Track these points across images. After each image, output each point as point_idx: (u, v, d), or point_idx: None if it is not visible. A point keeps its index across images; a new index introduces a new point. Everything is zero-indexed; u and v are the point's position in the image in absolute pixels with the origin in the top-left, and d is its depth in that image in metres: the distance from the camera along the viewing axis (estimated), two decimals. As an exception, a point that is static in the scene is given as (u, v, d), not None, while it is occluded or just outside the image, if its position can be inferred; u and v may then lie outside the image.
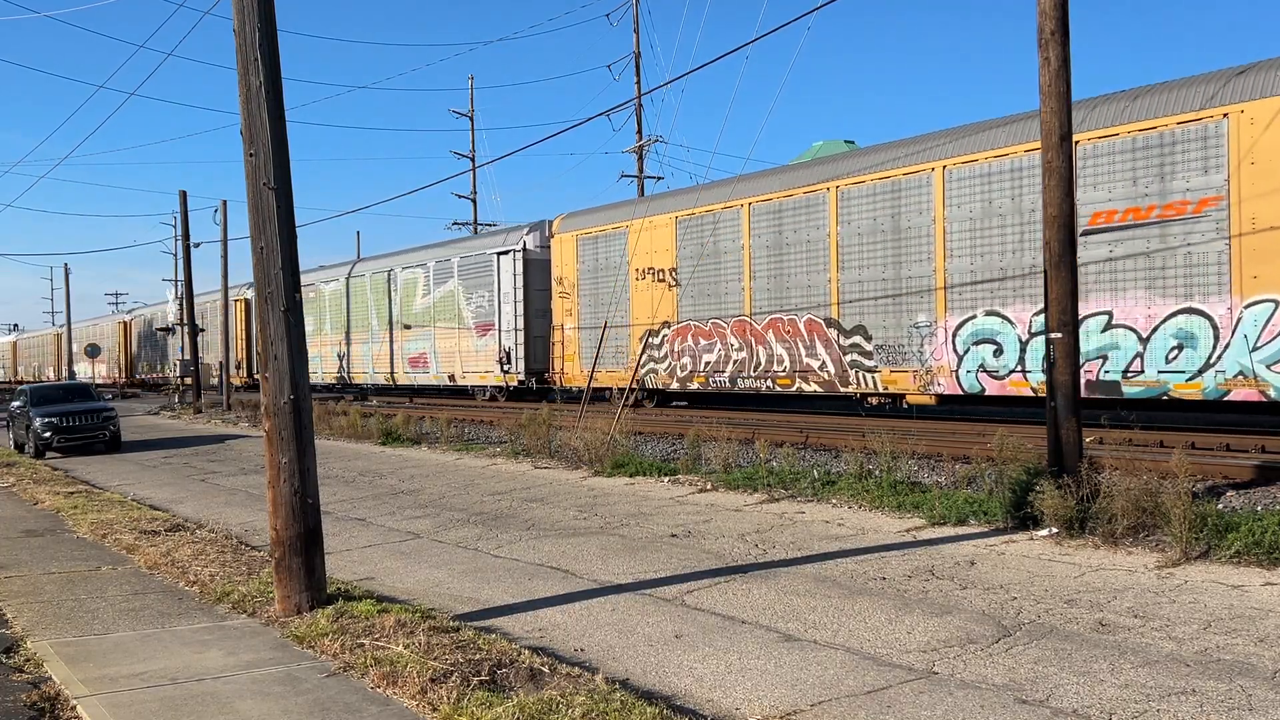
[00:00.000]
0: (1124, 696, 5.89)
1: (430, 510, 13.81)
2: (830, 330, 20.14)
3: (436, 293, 33.53)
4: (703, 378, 23.01)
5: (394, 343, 36.33)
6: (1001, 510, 10.80)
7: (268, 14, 8.25)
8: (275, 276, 8.22)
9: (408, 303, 35.29)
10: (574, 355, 27.00)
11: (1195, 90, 15.03)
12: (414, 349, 34.88)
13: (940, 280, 18.28)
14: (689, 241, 23.69)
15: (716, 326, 22.79)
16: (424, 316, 34.38)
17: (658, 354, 24.24)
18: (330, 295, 40.81)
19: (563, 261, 27.51)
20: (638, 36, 42.85)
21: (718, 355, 22.73)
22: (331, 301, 40.95)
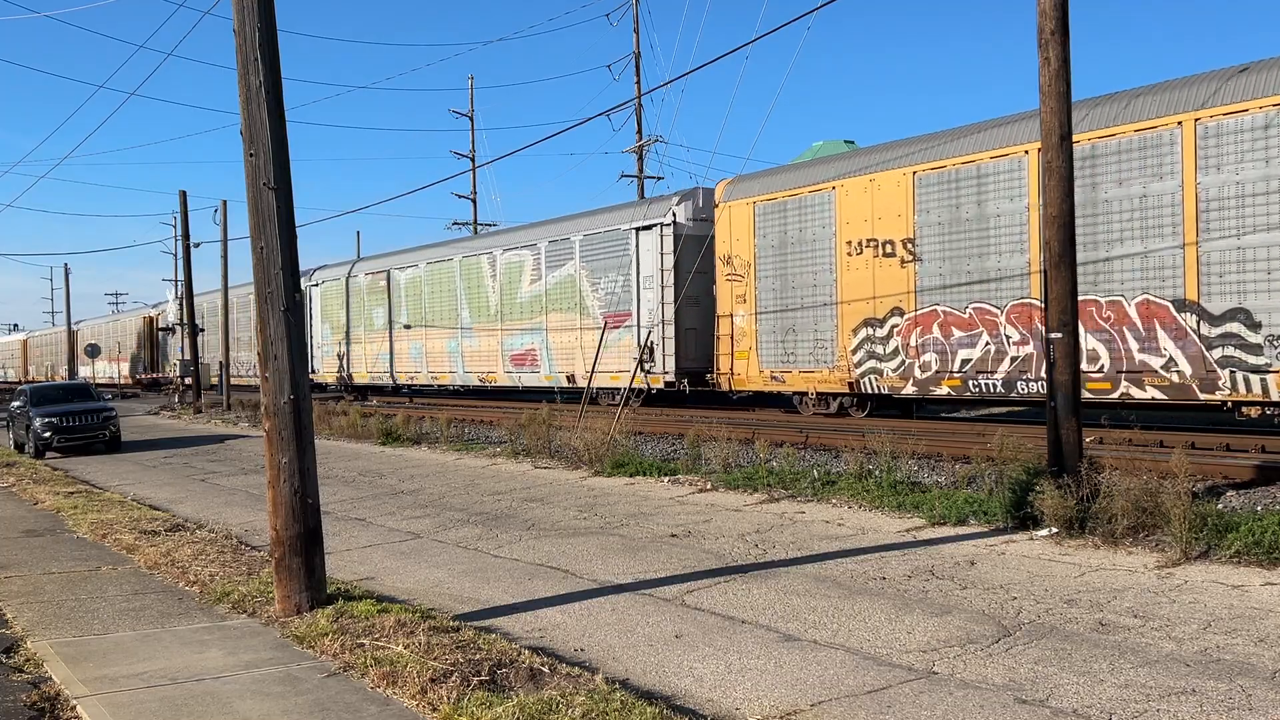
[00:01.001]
0: (1124, 696, 5.89)
1: (430, 510, 13.81)
2: (1183, 315, 15.28)
3: (550, 278, 28.63)
4: (956, 379, 18.05)
5: (490, 337, 31.31)
6: (1001, 510, 10.80)
7: (268, 14, 8.25)
8: (275, 276, 8.22)
9: (510, 291, 30.30)
10: (749, 351, 22.06)
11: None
12: (519, 345, 29.77)
13: None
14: (935, 203, 18.56)
15: (981, 313, 17.76)
16: (532, 307, 29.39)
17: (882, 349, 19.30)
18: (407, 284, 35.85)
19: (732, 236, 22.57)
20: (638, 36, 42.89)
21: (983, 350, 17.70)
22: (408, 291, 35.90)
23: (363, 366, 39.04)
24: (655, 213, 25.33)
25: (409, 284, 35.83)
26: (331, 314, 41.18)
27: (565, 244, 28.26)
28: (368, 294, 38.34)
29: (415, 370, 35.44)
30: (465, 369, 32.52)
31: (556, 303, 28.48)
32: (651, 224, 25.19)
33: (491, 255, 31.45)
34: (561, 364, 28.29)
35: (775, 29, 22.88)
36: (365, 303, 38.77)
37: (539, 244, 29.22)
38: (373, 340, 38.10)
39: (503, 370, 30.75)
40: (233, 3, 8.25)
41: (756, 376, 21.99)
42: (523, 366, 29.73)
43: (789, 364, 21.09)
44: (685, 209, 24.80)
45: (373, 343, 38.14)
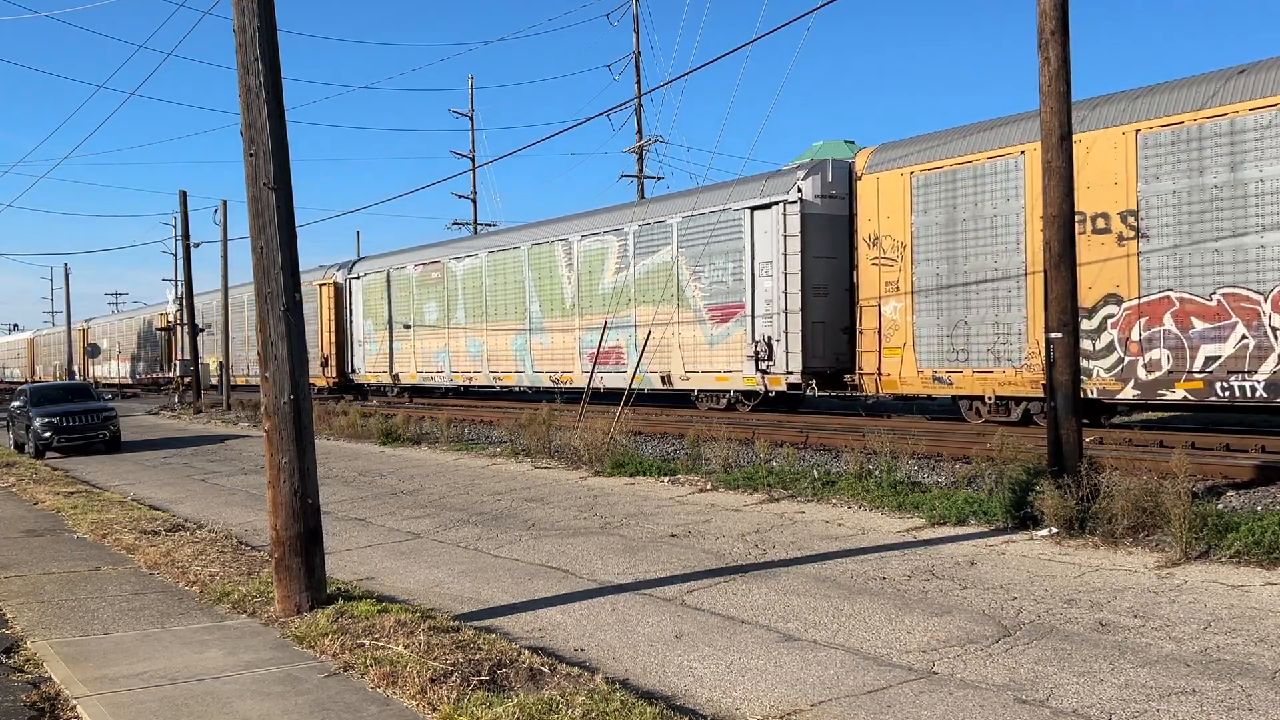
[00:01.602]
0: (1124, 696, 5.89)
1: (430, 510, 13.81)
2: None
3: (640, 266, 25.34)
4: (1197, 381, 15.15)
5: (565, 333, 27.83)
6: (1001, 510, 10.80)
7: (268, 14, 8.25)
8: (275, 277, 8.22)
9: (590, 281, 27.05)
10: (903, 347, 18.92)
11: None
12: (600, 341, 25.92)
13: None
14: (1170, 168, 15.42)
15: (1234, 300, 14.78)
16: (617, 299, 26.11)
17: (1093, 344, 16.18)
18: (465, 275, 32.36)
19: (880, 212, 19.36)
20: (638, 36, 42.89)
21: (1238, 346, 14.71)
22: (466, 283, 32.34)
23: (412, 366, 35.49)
24: (776, 189, 21.81)
25: (467, 275, 32.25)
26: (375, 310, 37.85)
27: (659, 228, 24.88)
28: (418, 287, 34.91)
29: (474, 370, 32.13)
30: (535, 368, 28.99)
31: (648, 294, 25.12)
32: (771, 202, 21.68)
33: (567, 242, 27.89)
34: (656, 363, 24.88)
35: (775, 29, 22.72)
36: (415, 297, 35.08)
37: (626, 228, 25.84)
38: (425, 337, 34.69)
39: (580, 369, 27.05)
40: (233, 3, 8.25)
41: (913, 377, 18.69)
42: (605, 365, 25.80)
43: (958, 362, 17.87)
44: (812, 184, 21.34)
45: (425, 340, 34.65)
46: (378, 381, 37.94)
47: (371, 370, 38.22)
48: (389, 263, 37.53)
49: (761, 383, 21.88)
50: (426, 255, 35.49)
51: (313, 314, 40.39)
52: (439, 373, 33.95)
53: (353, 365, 39.39)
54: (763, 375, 21.71)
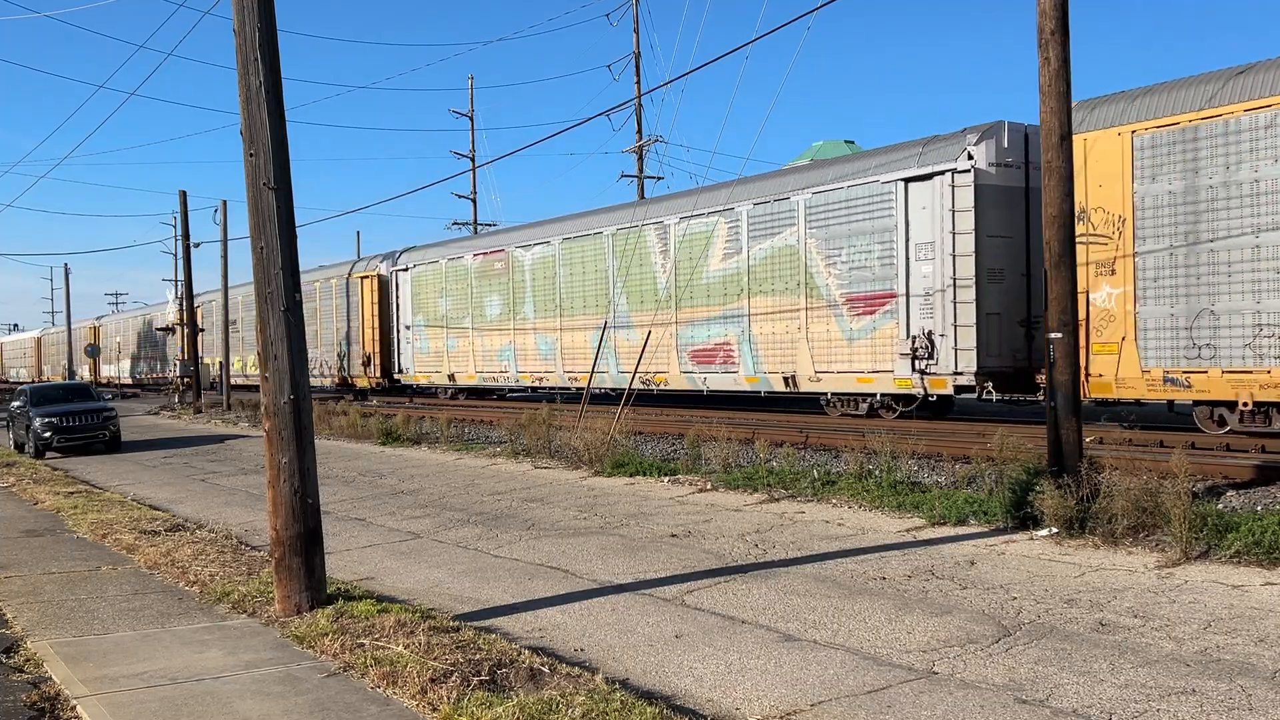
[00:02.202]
0: (1124, 696, 5.89)
1: (430, 510, 13.81)
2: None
3: (755, 251, 21.93)
4: None
5: (660, 328, 24.17)
6: (1001, 510, 10.80)
7: (268, 14, 8.25)
8: (275, 277, 8.22)
9: (691, 268, 23.68)
10: (1120, 342, 15.81)
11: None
12: (703, 337, 23.28)
13: None
14: None
15: None
16: (725, 288, 22.73)
17: None
18: (535, 265, 28.90)
19: (1090, 180, 15.95)
20: (638, 36, 42.89)
21: None
22: (536, 273, 28.83)
23: (470, 365, 31.80)
24: (939, 157, 18.51)
25: (538, 265, 28.78)
26: (427, 304, 34.01)
27: (780, 206, 21.50)
28: (478, 279, 31.32)
29: (545, 370, 28.62)
30: (620, 368, 25.44)
31: (766, 282, 21.74)
32: (934, 171, 18.36)
33: (662, 226, 24.53)
34: (774, 361, 21.57)
35: (775, 29, 22.61)
36: (474, 289, 31.45)
37: (737, 208, 22.48)
38: (486, 334, 31.11)
39: (678, 369, 23.99)
40: (233, 3, 8.25)
41: (1134, 379, 15.71)
42: (710, 365, 23.03)
43: (1201, 360, 14.96)
44: (986, 150, 18.02)
45: (486, 336, 31.06)
46: (429, 382, 34.43)
47: (423, 370, 34.30)
48: (443, 252, 33.91)
49: (919, 385, 18.53)
50: (487, 243, 32.10)
51: (354, 309, 38.01)
52: (503, 373, 30.32)
53: (400, 364, 35.66)
54: (921, 376, 18.41)
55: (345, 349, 38.78)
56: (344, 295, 38.94)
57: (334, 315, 39.81)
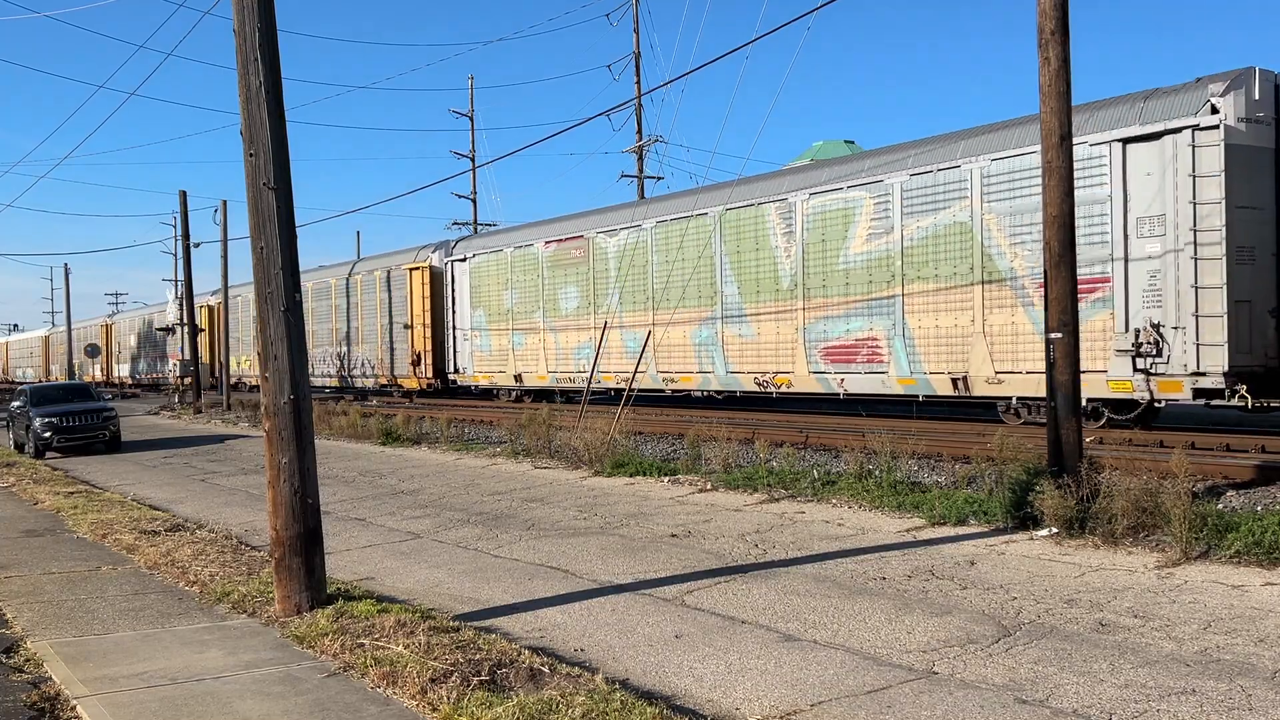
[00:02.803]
0: (1124, 696, 5.89)
1: (430, 510, 13.81)
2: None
3: (911, 229, 18.72)
4: None
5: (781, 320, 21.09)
6: (1001, 510, 10.80)
7: (268, 14, 8.25)
8: (275, 277, 8.22)
9: (824, 252, 20.30)
10: None
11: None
12: (839, 331, 19.95)
13: None
14: None
15: None
16: (870, 274, 19.42)
17: None
18: (621, 252, 25.59)
19: None
20: (638, 36, 42.89)
21: None
22: (623, 261, 25.48)
23: (541, 364, 28.51)
24: (1169, 110, 15.35)
25: (625, 253, 25.41)
26: (489, 297, 30.73)
27: (947, 177, 18.24)
28: (550, 269, 28.08)
29: (641, 370, 24.34)
30: (729, 367, 22.27)
31: (926, 266, 18.52)
32: (1164, 130, 15.22)
33: (785, 204, 21.15)
34: (937, 359, 18.28)
35: (775, 29, 22.54)
36: (546, 280, 28.23)
37: (887, 180, 19.18)
38: (560, 329, 27.72)
39: (806, 369, 20.52)
40: (233, 3, 8.25)
41: None
42: (849, 364, 19.68)
43: None
44: (1235, 102, 14.86)
45: (560, 333, 27.73)
46: (490, 383, 30.82)
47: (483, 369, 30.85)
48: (508, 240, 30.66)
49: (1142, 388, 15.37)
50: (562, 229, 28.32)
51: (400, 304, 34.76)
52: (581, 373, 26.43)
53: (455, 364, 32.29)
54: (1145, 377, 15.35)
55: (390, 347, 35.45)
56: (389, 289, 35.80)
57: (377, 311, 36.50)
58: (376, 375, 36.85)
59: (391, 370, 35.69)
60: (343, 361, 39.27)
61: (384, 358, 36.21)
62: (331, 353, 40.08)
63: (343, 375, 39.41)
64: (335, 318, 40.05)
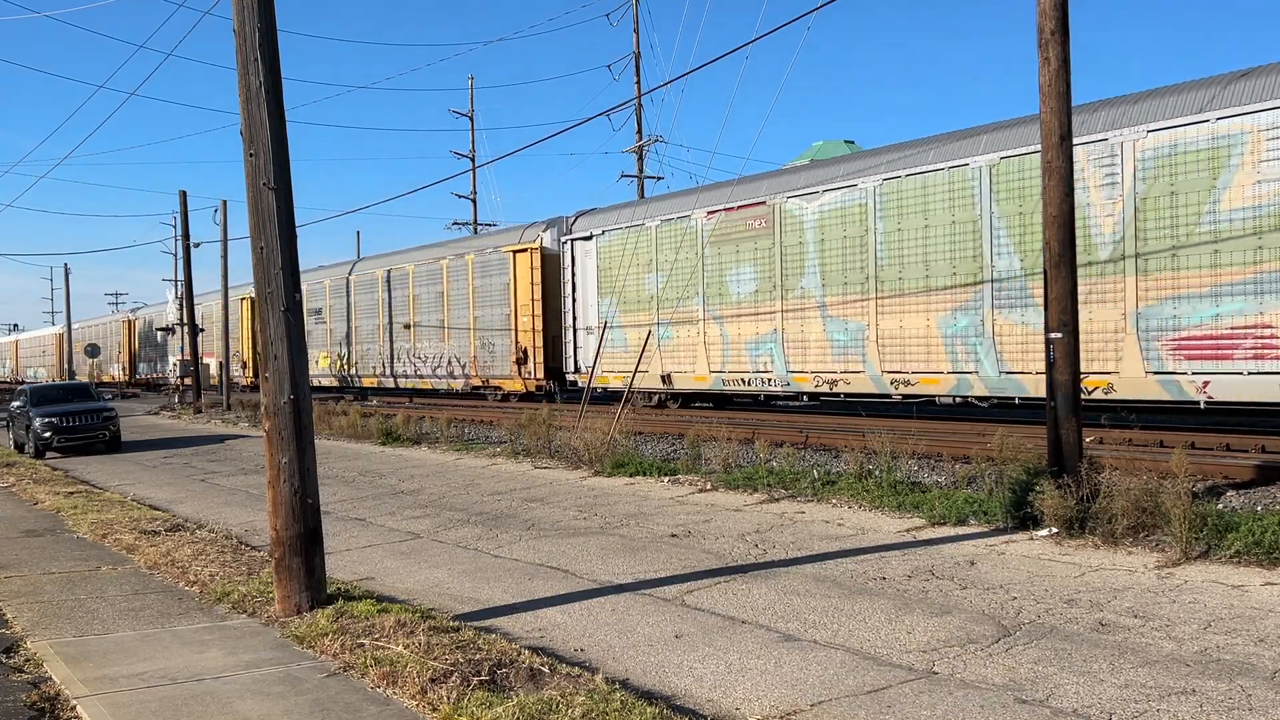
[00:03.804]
0: (1124, 696, 5.89)
1: (430, 510, 13.81)
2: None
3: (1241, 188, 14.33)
4: None
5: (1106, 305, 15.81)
6: (1001, 510, 10.80)
7: (268, 14, 8.25)
8: (275, 277, 8.22)
9: (1174, 207, 15.18)
10: None
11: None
12: (1203, 315, 14.89)
13: None
14: None
15: None
16: (1262, 237, 14.20)
17: None
18: (823, 220, 20.36)
19: None
20: (638, 36, 42.89)
21: None
22: (826, 230, 20.30)
23: (700, 362, 23.09)
24: None
25: (829, 220, 20.18)
26: (624, 282, 25.33)
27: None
28: (713, 244, 22.85)
29: (842, 368, 19.76)
30: (1003, 366, 17.25)
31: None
32: None
33: (1106, 145, 15.93)
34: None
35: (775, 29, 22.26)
36: (707, 259, 22.90)
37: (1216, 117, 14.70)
38: (729, 318, 22.37)
39: (1142, 367, 15.45)
40: (233, 3, 8.25)
41: None
42: (1224, 360, 14.57)
43: None
44: None
45: (733, 324, 22.29)
46: (623, 384, 23.81)
47: (615, 368, 25.29)
48: (652, 211, 24.98)
49: None
50: (732, 195, 22.83)
51: (498, 294, 29.97)
52: (763, 373, 21.48)
53: (575, 362, 27.00)
54: None
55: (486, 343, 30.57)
56: (484, 276, 30.85)
57: (468, 302, 31.46)
58: (466, 376, 31.69)
59: (487, 369, 30.60)
60: (417, 359, 34.47)
61: (477, 355, 30.99)
62: (406, 349, 35.13)
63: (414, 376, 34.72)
64: (414, 309, 34.72)
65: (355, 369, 38.45)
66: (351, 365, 38.79)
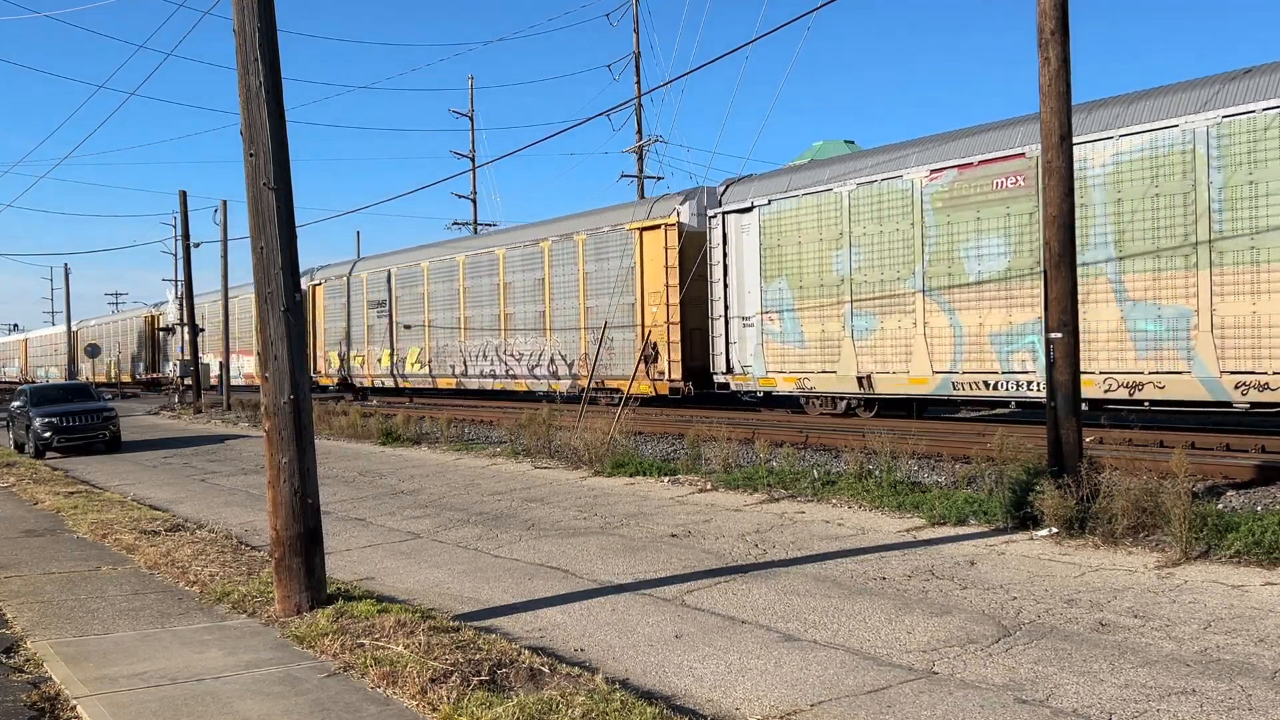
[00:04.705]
0: (1124, 696, 5.89)
1: (430, 510, 13.81)
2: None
3: None
4: None
5: None
6: (1001, 510, 10.80)
7: (268, 14, 8.25)
8: (275, 276, 8.22)
9: None
10: None
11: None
12: None
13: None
14: None
15: None
16: None
17: None
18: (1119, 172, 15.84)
19: None
20: (638, 36, 42.88)
21: None
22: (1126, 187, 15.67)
23: (921, 361, 18.41)
24: None
25: (1119, 174, 15.82)
26: (800, 261, 20.66)
27: None
28: (939, 212, 18.29)
29: (1154, 368, 15.42)
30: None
31: None
32: None
33: None
34: None
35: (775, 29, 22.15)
36: (931, 229, 18.38)
37: None
38: (962, 305, 17.95)
39: None
40: (233, 3, 8.25)
41: None
42: None
43: None
44: None
45: (962, 310, 17.91)
46: (801, 388, 20.55)
47: (784, 368, 20.92)
48: (841, 172, 20.20)
49: None
50: (968, 147, 18.04)
51: (619, 277, 25.38)
52: (1018, 374, 17.13)
53: (728, 359, 22.29)
54: None
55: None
56: (599, 259, 26.33)
57: (578, 290, 27.02)
58: (574, 375, 27.07)
59: (602, 368, 25.50)
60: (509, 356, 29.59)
61: (589, 352, 25.92)
62: (494, 346, 30.28)
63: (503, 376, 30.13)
64: (505, 299, 29.85)
65: (429, 368, 33.77)
66: (422, 364, 34.27)
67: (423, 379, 34.29)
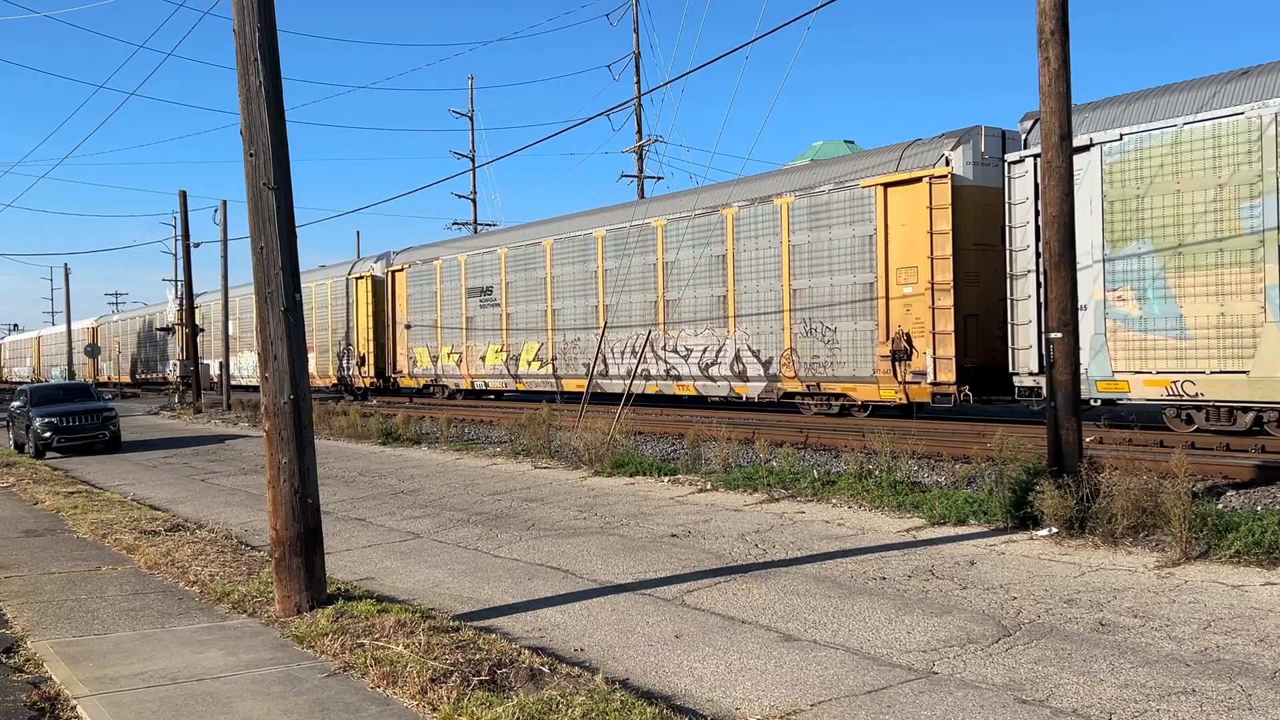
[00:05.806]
0: (1124, 696, 5.89)
1: (430, 510, 13.81)
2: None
3: None
4: None
5: None
6: (1001, 510, 10.80)
7: (268, 14, 8.25)
8: (275, 276, 8.22)
9: None
10: None
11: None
12: None
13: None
14: None
15: None
16: None
17: None
18: None
19: None
20: (638, 36, 42.89)
21: None
22: None
23: None
24: None
25: None
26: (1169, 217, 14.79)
27: None
28: None
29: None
30: None
31: None
32: None
33: None
34: None
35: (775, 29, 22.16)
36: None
37: None
38: None
39: None
40: (233, 3, 8.25)
41: None
42: None
43: None
44: None
45: None
46: (1169, 392, 14.87)
47: (1142, 365, 15.08)
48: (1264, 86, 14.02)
49: None
50: None
51: (847, 250, 20.07)
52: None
53: (1040, 354, 15.98)
54: None
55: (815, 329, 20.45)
56: (813, 227, 20.81)
57: (782, 268, 21.62)
58: (772, 376, 21.78)
59: (817, 368, 20.70)
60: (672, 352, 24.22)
61: (797, 346, 21.23)
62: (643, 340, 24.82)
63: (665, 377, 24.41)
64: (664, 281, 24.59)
65: (553, 366, 28.11)
66: (542, 362, 28.58)
67: (543, 380, 28.61)
